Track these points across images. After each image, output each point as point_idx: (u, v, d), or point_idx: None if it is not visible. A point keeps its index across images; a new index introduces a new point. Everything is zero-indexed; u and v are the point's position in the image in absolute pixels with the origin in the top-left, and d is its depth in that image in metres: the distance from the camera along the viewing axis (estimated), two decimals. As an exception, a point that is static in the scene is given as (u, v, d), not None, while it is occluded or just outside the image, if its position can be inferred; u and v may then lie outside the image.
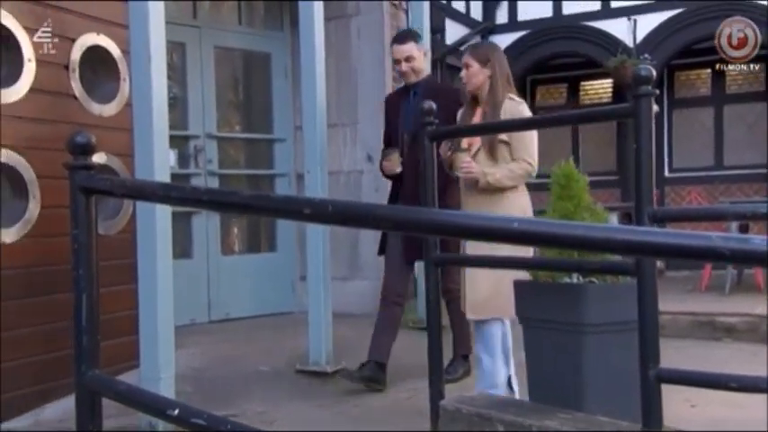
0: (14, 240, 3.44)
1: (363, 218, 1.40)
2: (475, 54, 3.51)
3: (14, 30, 3.44)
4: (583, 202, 2.83)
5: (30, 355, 3.50)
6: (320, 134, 4.23)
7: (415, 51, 4.08)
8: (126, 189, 1.91)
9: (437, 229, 1.30)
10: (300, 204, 1.48)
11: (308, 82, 4.24)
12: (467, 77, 3.50)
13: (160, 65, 3.19)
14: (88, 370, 1.88)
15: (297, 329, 4.92)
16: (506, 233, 1.21)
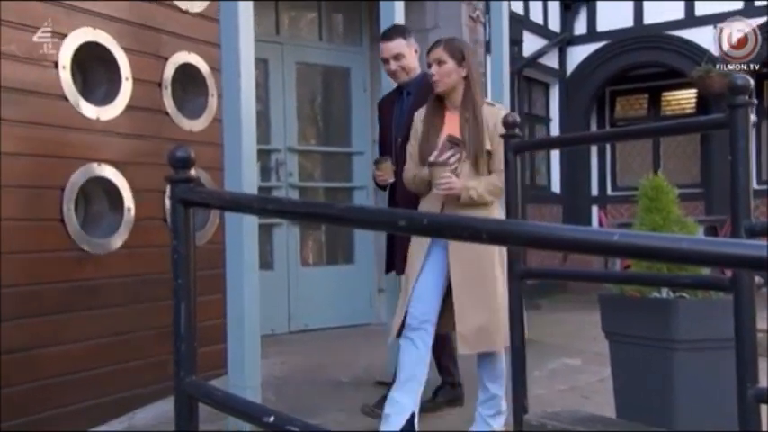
0: (112, 251, 3.59)
1: (458, 229, 1.41)
2: (450, 49, 3.10)
3: (113, 50, 3.61)
4: (672, 214, 2.77)
5: (120, 362, 3.65)
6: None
7: (405, 48, 3.70)
8: (224, 201, 1.98)
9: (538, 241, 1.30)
10: (396, 217, 1.50)
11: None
12: (439, 75, 3.07)
13: (249, 82, 3.29)
14: (186, 376, 1.95)
15: (375, 341, 4.96)
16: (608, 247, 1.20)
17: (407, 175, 3.21)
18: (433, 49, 3.12)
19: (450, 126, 3.08)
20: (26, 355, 3.16)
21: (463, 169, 3.06)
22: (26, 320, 3.17)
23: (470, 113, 3.05)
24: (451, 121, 3.10)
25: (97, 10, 3.55)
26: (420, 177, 3.13)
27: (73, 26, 3.45)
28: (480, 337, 3.07)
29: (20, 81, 3.19)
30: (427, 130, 3.12)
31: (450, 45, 3.12)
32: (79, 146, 3.47)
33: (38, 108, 3.28)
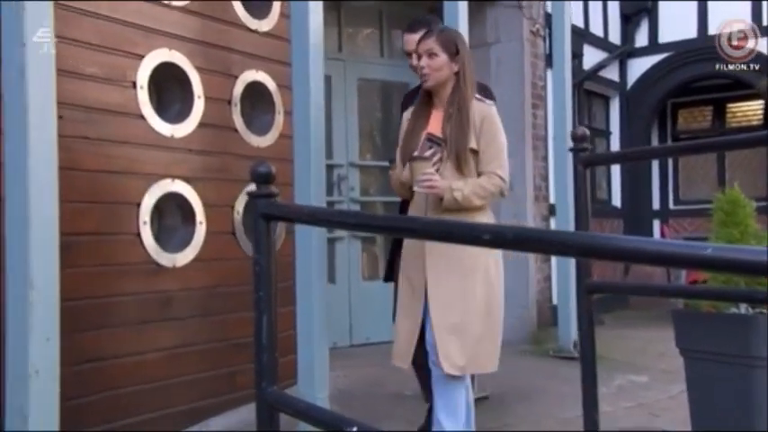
0: (185, 264, 3.69)
1: (543, 243, 1.43)
2: (443, 41, 2.81)
3: (187, 69, 3.72)
4: (750, 228, 2.72)
5: (191, 372, 3.73)
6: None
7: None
8: (304, 215, 2.02)
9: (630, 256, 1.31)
10: (480, 230, 1.53)
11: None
12: (430, 69, 2.79)
13: (318, 99, 3.36)
14: (268, 386, 2.00)
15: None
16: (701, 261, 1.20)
17: (393, 179, 2.99)
18: (425, 40, 2.84)
19: (435, 124, 2.83)
20: (105, 363, 3.26)
21: (446, 170, 2.78)
22: (105, 331, 3.28)
23: (455, 109, 2.77)
24: (437, 119, 2.84)
25: (172, 31, 3.68)
26: (404, 179, 2.86)
27: (150, 47, 3.58)
28: (464, 356, 2.75)
29: (101, 101, 3.32)
30: (411, 128, 2.87)
31: (444, 36, 2.85)
32: (154, 162, 3.58)
33: (117, 127, 3.40)
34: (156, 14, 3.61)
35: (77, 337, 2.90)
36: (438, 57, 2.78)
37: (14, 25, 2.24)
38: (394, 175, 2.97)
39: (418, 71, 2.87)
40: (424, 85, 2.84)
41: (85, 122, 3.24)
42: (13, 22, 2.24)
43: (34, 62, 2.24)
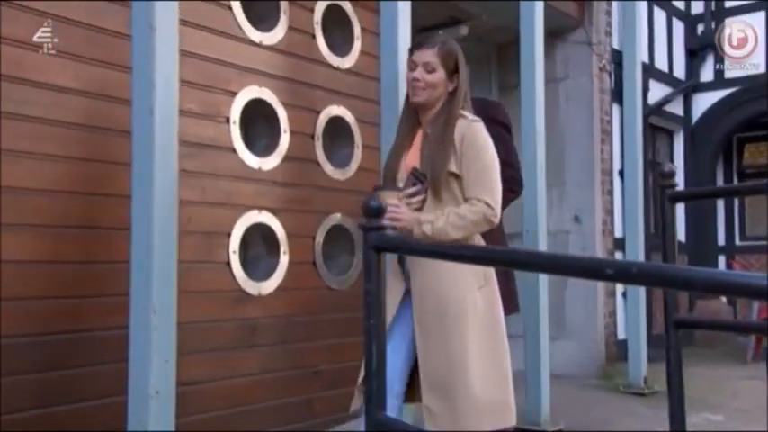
0: (269, 292, 3.81)
1: (672, 279, 1.48)
2: (444, 55, 2.49)
3: (274, 105, 3.89)
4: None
5: (275, 398, 3.83)
6: (540, 194, 4.34)
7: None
8: (412, 247, 2.11)
9: (755, 293, 1.35)
10: (603, 265, 1.59)
11: (528, 143, 4.38)
12: (425, 84, 2.48)
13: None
14: (378, 411, 2.07)
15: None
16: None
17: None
18: (422, 50, 2.49)
19: (417, 146, 2.52)
20: (199, 387, 3.38)
21: (429, 199, 2.48)
22: (200, 355, 3.40)
23: (437, 129, 2.46)
24: (419, 141, 2.54)
25: (263, 69, 3.85)
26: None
27: (242, 85, 3.75)
28: (450, 413, 2.38)
29: (198, 136, 3.49)
30: (392, 149, 2.55)
31: (445, 50, 2.50)
32: (243, 194, 3.73)
33: (211, 160, 3.57)
34: (248, 54, 3.79)
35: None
36: (436, 72, 2.47)
37: (145, 93, 2.41)
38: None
39: (409, 83, 2.54)
40: (413, 99, 2.52)
41: (185, 156, 3.40)
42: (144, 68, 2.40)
43: (162, 102, 2.40)
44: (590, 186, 5.97)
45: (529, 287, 4.28)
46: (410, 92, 2.53)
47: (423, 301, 2.43)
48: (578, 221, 5.89)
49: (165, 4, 2.47)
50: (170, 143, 2.45)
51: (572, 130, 6.01)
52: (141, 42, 2.45)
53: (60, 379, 2.85)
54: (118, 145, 3.10)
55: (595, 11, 6.15)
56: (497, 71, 6.44)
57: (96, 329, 2.93)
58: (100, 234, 3.08)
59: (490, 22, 5.66)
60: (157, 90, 2.38)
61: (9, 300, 2.65)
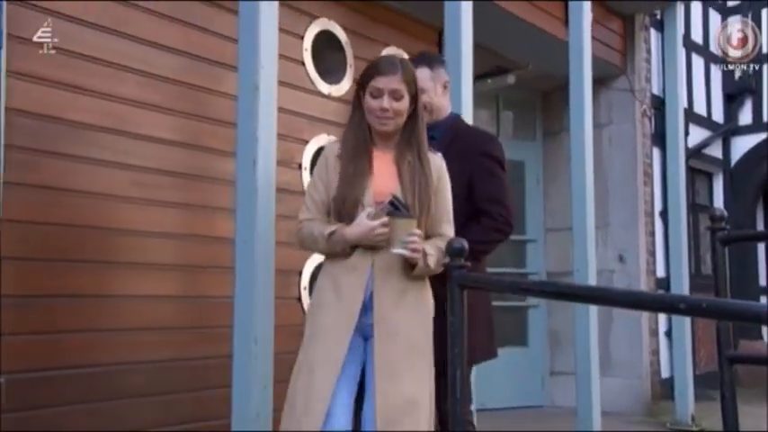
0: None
1: (739, 313, 1.70)
2: (407, 80, 2.34)
3: (343, 151, 4.18)
4: None
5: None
6: (590, 234, 4.56)
7: (428, 82, 2.77)
8: (490, 284, 2.35)
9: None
10: (676, 300, 1.81)
11: (578, 185, 4.61)
12: (393, 113, 2.32)
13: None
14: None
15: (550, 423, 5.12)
16: None
17: (305, 229, 2.34)
18: (389, 76, 2.31)
19: (383, 172, 2.32)
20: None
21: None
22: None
23: (415, 158, 2.34)
24: (383, 166, 2.34)
25: (331, 119, 4.15)
26: (328, 233, 2.26)
27: (313, 133, 4.06)
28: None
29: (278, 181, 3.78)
30: (352, 172, 2.30)
31: (410, 74, 2.36)
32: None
33: (286, 203, 3.84)
34: (319, 105, 4.10)
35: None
36: (404, 98, 2.33)
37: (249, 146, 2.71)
38: (310, 225, 2.33)
39: (373, 111, 2.33)
40: (380, 128, 2.34)
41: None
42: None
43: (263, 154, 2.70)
44: (633, 227, 6.16)
45: (581, 325, 4.46)
46: (375, 121, 2.32)
47: (391, 338, 2.23)
48: (623, 261, 6.07)
49: (269, 68, 2.78)
50: (269, 191, 2.74)
51: (615, 172, 6.23)
52: (246, 101, 2.75)
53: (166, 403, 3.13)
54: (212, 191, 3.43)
55: (637, 59, 6.40)
56: (542, 117, 6.69)
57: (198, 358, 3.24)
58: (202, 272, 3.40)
59: (535, 71, 5.92)
60: (260, 143, 2.68)
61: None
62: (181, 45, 3.44)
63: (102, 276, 3.06)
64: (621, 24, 6.36)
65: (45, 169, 2.89)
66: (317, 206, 2.35)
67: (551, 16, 5.48)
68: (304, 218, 2.35)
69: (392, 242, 2.21)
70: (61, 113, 2.95)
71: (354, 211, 2.25)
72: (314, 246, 2.36)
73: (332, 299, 2.26)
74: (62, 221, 2.94)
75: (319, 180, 2.36)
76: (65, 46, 2.96)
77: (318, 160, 2.40)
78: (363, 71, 2.36)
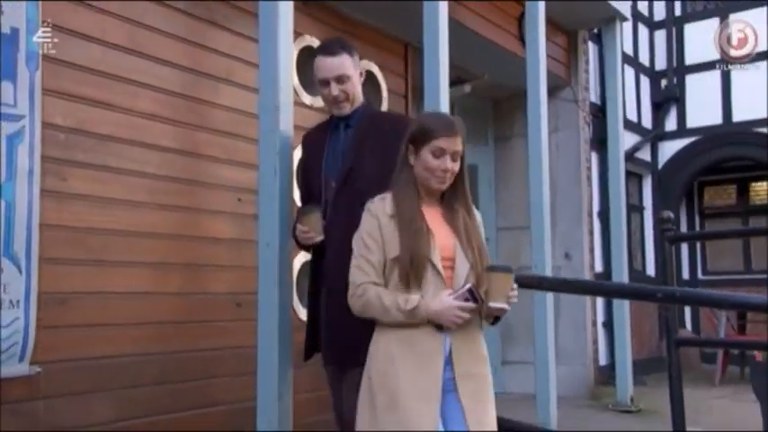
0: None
1: (707, 300, 2.14)
2: (464, 140, 2.32)
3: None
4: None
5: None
6: (547, 233, 5.02)
7: (351, 69, 2.79)
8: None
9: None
10: (654, 291, 2.24)
11: (536, 188, 5.07)
12: (452, 173, 2.30)
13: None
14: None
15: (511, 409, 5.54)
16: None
17: (369, 295, 2.23)
18: (452, 137, 2.27)
19: (439, 228, 2.27)
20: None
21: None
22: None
23: (464, 211, 2.32)
24: (436, 222, 2.29)
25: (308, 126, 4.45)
26: (411, 308, 2.17)
27: (297, 141, 4.34)
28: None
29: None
30: (415, 231, 2.22)
31: (463, 132, 2.32)
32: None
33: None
34: (302, 115, 4.35)
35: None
36: (461, 160, 2.31)
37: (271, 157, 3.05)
38: (373, 292, 2.24)
39: (432, 171, 2.28)
40: (439, 186, 2.31)
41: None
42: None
43: (282, 164, 3.01)
44: (578, 226, 6.70)
45: (539, 317, 4.87)
46: (433, 180, 2.28)
47: (477, 395, 2.25)
48: (568, 258, 6.60)
49: (286, 90, 3.11)
50: (287, 198, 3.07)
51: (561, 176, 6.75)
52: (267, 119, 3.08)
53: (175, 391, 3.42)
54: (211, 195, 3.73)
55: (580, 71, 6.95)
56: (494, 124, 7.17)
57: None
58: (201, 270, 3.69)
59: (489, 81, 6.38)
60: (280, 155, 3.00)
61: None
62: (185, 62, 3.70)
63: (125, 275, 3.32)
64: (566, 39, 6.90)
65: (72, 177, 3.13)
66: (374, 268, 2.24)
67: (506, 32, 5.94)
68: (363, 281, 2.23)
69: (491, 296, 2.18)
70: (88, 127, 3.20)
71: (423, 271, 2.19)
72: (382, 314, 2.21)
73: (409, 363, 2.17)
74: (90, 226, 3.18)
75: (372, 240, 2.25)
76: (89, 65, 3.20)
77: (365, 220, 2.29)
78: (418, 130, 2.29)
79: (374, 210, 2.28)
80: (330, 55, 2.79)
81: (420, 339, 2.18)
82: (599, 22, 6.90)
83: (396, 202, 2.27)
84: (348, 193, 2.65)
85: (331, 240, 2.65)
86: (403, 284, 2.19)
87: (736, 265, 9.55)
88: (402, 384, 2.15)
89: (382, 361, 2.20)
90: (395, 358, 2.18)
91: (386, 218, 2.25)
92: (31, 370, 2.83)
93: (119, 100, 3.35)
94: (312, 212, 2.69)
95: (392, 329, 2.21)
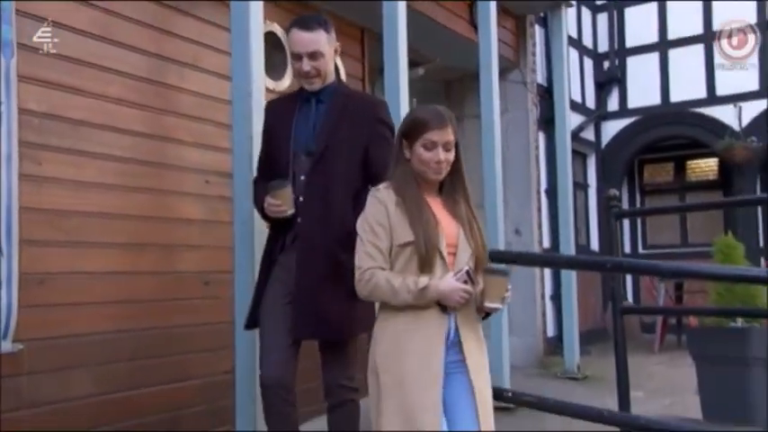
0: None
1: (652, 270, 2.38)
2: (455, 129, 2.37)
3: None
4: (741, 265, 3.73)
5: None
6: (500, 208, 5.28)
7: (326, 46, 2.82)
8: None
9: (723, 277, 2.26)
10: (605, 261, 2.48)
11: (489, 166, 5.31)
12: (447, 162, 2.35)
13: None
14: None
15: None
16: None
17: (378, 278, 2.28)
18: (442, 129, 2.32)
19: (442, 217, 2.35)
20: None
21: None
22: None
23: (463, 200, 2.40)
24: (438, 211, 2.37)
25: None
26: (421, 287, 2.24)
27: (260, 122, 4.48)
28: None
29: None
30: (425, 220, 2.30)
31: (455, 124, 2.38)
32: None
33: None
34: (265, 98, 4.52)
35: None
36: (453, 148, 2.36)
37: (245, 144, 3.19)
38: (381, 276, 2.28)
39: (428, 163, 2.33)
40: (435, 177, 2.36)
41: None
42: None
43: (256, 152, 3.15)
44: (527, 204, 7.00)
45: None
46: (429, 172, 2.34)
47: (479, 374, 2.33)
48: (519, 234, 6.89)
49: (258, 79, 3.26)
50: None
51: (511, 155, 7.01)
52: (240, 105, 3.22)
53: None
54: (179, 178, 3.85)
55: (528, 53, 7.20)
56: (445, 105, 7.34)
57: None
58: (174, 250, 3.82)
59: (441, 64, 6.57)
60: (254, 140, 3.14)
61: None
62: (153, 48, 3.79)
63: (99, 256, 3.42)
64: (514, 23, 7.14)
65: (47, 162, 3.21)
66: (381, 254, 2.30)
67: (457, 16, 6.14)
68: (371, 266, 2.29)
69: (488, 296, 2.25)
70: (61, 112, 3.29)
71: (434, 258, 2.28)
72: (391, 296, 2.27)
73: (415, 344, 2.25)
74: (65, 208, 3.28)
75: (380, 227, 2.31)
76: (61, 51, 3.27)
77: (372, 206, 2.34)
78: (410, 124, 2.35)
79: (381, 197, 2.34)
80: (306, 30, 2.79)
81: (426, 318, 2.25)
82: (546, 7, 7.15)
83: (399, 195, 2.32)
84: (323, 172, 2.72)
85: (303, 213, 2.73)
86: (412, 270, 2.26)
87: (673, 239, 10.06)
88: (407, 367, 2.23)
89: (388, 343, 2.28)
90: (400, 341, 2.26)
91: (393, 205, 2.31)
92: (14, 347, 2.93)
93: (90, 86, 3.42)
94: (284, 187, 2.73)
95: (399, 311, 2.27)
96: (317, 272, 2.67)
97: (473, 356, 2.29)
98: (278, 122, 2.89)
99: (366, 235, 2.32)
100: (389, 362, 2.27)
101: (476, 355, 2.30)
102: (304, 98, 2.88)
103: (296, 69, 2.87)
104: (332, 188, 2.61)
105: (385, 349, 2.29)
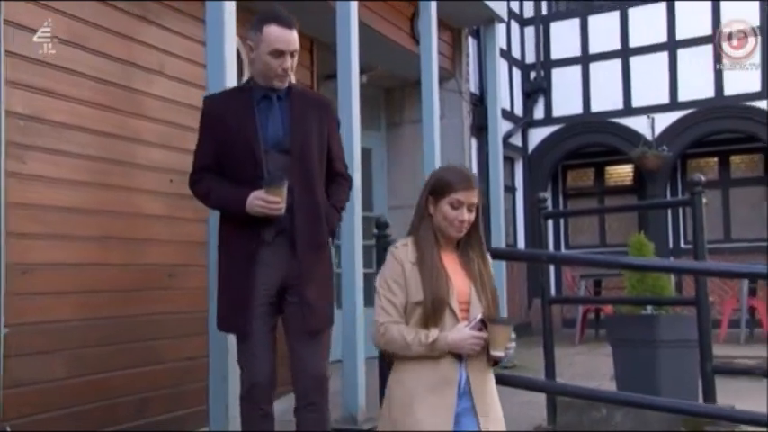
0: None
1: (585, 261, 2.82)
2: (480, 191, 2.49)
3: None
4: (652, 260, 4.26)
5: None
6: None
7: (297, 45, 2.90)
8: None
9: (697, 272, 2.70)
10: (541, 254, 2.91)
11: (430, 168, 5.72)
12: (469, 223, 2.46)
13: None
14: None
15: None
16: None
17: (392, 332, 2.37)
18: (470, 190, 2.43)
19: (456, 274, 2.45)
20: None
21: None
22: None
23: (479, 258, 2.50)
24: (452, 267, 2.47)
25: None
26: (431, 341, 2.33)
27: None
28: None
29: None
30: (436, 277, 2.40)
31: (478, 185, 2.49)
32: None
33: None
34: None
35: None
36: (476, 209, 2.47)
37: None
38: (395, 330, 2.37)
39: (451, 222, 2.42)
40: (456, 235, 2.45)
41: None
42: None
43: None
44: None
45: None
46: (451, 230, 2.43)
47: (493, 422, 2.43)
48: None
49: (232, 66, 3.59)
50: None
51: (447, 159, 7.44)
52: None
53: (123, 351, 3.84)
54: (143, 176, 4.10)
55: (463, 64, 7.69)
56: (385, 111, 7.79)
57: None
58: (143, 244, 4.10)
59: (382, 72, 6.97)
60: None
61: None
62: (122, 55, 4.04)
63: (75, 248, 3.67)
64: (451, 36, 7.61)
65: (31, 160, 3.45)
66: (396, 309, 2.40)
67: (398, 29, 6.56)
68: (386, 320, 2.39)
69: (493, 345, 2.34)
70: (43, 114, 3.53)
71: (442, 314, 2.37)
72: (403, 349, 2.37)
73: (427, 394, 2.35)
74: (46, 204, 3.52)
75: (395, 284, 2.41)
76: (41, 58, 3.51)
77: (390, 263, 2.45)
78: (439, 182, 2.44)
79: (399, 255, 2.44)
80: (289, 28, 2.83)
81: (438, 368, 2.35)
82: (480, 22, 7.65)
83: (418, 249, 2.43)
84: (306, 169, 2.82)
85: (299, 215, 2.81)
86: (422, 325, 2.36)
87: (593, 239, 10.77)
88: (419, 415, 2.34)
89: (402, 395, 2.39)
90: (412, 392, 2.36)
91: (409, 264, 2.42)
92: (3, 331, 3.16)
93: (67, 90, 3.66)
94: (282, 184, 2.73)
95: (413, 361, 2.37)
96: (317, 268, 2.87)
97: (484, 403, 2.39)
98: (233, 118, 2.85)
99: (383, 291, 2.43)
100: (403, 414, 2.38)
101: (487, 401, 2.40)
102: (261, 95, 2.88)
103: (273, 66, 2.83)
104: (314, 184, 2.76)
105: (399, 400, 2.40)
